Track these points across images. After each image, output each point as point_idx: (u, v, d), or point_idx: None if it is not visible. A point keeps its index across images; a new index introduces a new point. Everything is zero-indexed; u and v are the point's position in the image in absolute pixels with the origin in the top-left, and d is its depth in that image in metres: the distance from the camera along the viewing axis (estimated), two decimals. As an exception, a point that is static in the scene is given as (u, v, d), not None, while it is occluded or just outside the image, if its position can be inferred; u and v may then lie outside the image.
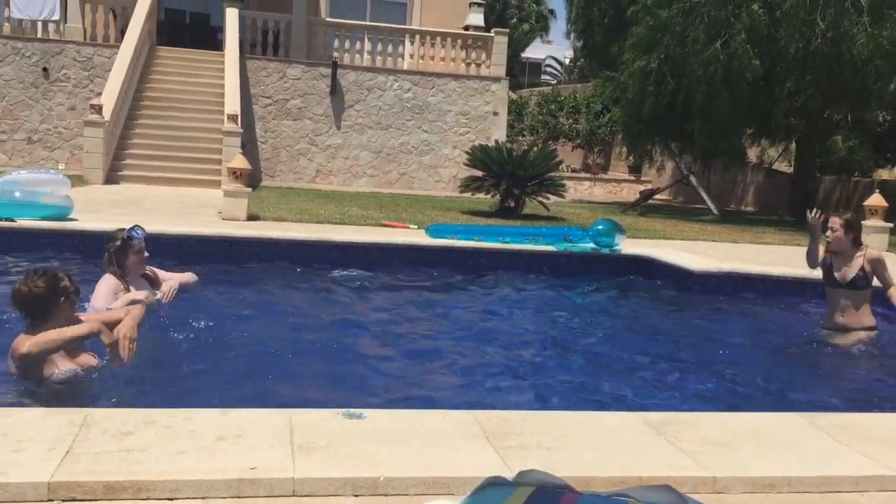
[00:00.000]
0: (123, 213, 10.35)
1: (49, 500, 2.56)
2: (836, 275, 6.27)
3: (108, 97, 15.72)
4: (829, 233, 6.26)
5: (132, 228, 5.56)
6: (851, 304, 6.27)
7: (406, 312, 7.00)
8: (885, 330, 6.71)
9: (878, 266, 6.25)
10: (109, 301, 5.19)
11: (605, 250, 9.38)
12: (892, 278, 6.33)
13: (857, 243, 6.30)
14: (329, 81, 19.28)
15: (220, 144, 16.10)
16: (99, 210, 10.26)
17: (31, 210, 8.60)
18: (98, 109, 15.05)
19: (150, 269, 5.75)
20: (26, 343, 3.93)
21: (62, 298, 4.10)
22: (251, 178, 11.57)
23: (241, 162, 10.99)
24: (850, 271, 6.23)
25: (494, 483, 1.07)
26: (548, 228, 10.63)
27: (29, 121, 17.74)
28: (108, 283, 5.34)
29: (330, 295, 7.47)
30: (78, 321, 4.16)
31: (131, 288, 5.42)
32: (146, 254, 5.57)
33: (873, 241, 11.69)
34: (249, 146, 17.69)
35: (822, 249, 6.39)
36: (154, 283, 5.70)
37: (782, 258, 9.91)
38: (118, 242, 5.43)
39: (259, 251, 8.64)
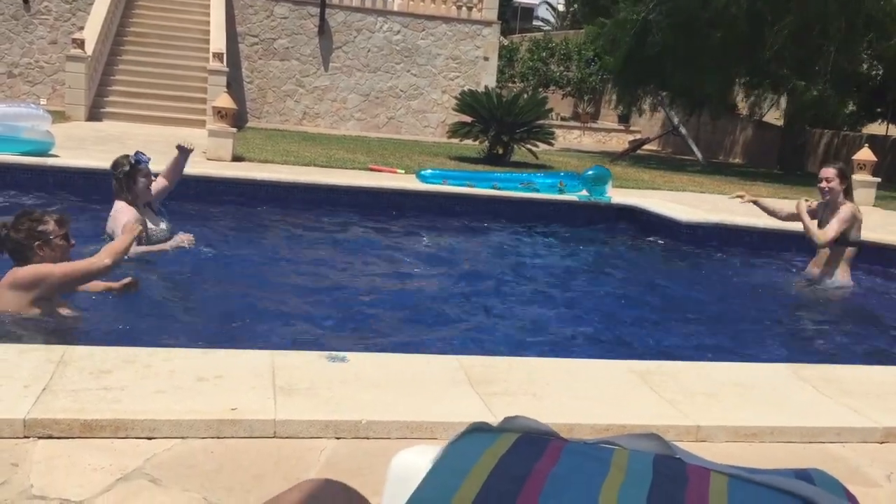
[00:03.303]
0: (106, 150, 10.18)
1: (25, 437, 2.52)
2: (820, 227, 6.23)
3: (91, 32, 15.37)
4: (822, 183, 6.18)
5: (136, 154, 5.52)
6: (830, 258, 6.25)
7: (392, 257, 6.96)
8: (864, 285, 6.75)
9: (849, 219, 6.08)
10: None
11: (597, 197, 9.34)
12: (835, 228, 6.11)
13: (847, 194, 6.22)
14: (317, 21, 18.91)
15: (205, 83, 15.83)
16: (81, 147, 10.09)
17: (10, 145, 8.42)
18: (80, 44, 14.72)
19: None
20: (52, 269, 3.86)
21: (37, 243, 3.93)
22: (236, 119, 11.40)
23: (226, 101, 10.81)
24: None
25: (479, 429, 1.04)
26: (544, 174, 10.46)
27: (9, 54, 17.35)
28: (126, 212, 5.28)
29: (314, 238, 7.41)
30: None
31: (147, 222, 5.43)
32: (152, 178, 5.54)
33: (861, 195, 11.69)
34: (235, 86, 17.41)
35: (808, 204, 6.34)
36: (156, 212, 5.70)
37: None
38: (126, 167, 5.40)
39: (244, 192, 8.54)
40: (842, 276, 6.26)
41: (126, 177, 5.39)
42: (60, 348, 3.16)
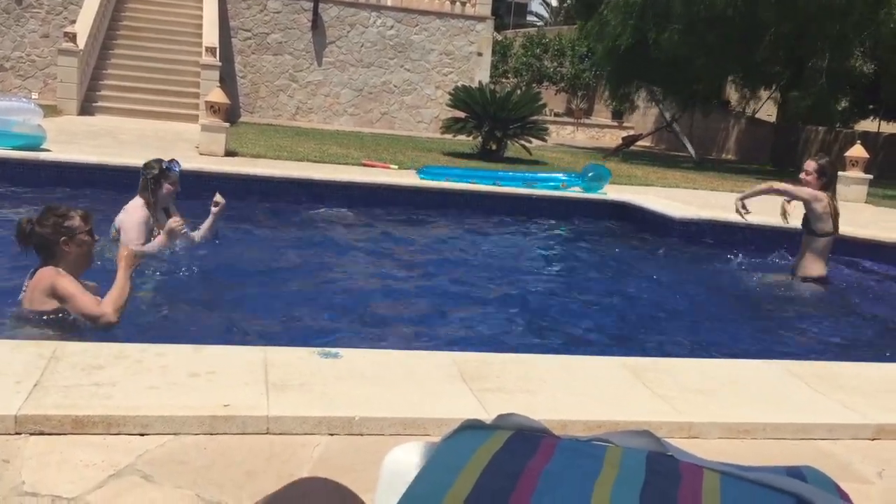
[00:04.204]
0: (98, 144, 10.15)
1: (17, 434, 2.51)
2: (804, 221, 6.34)
3: (83, 25, 15.30)
4: (802, 174, 6.30)
5: (171, 161, 5.60)
6: (807, 250, 6.32)
7: (385, 253, 6.95)
8: (855, 280, 6.78)
9: (808, 195, 6.15)
10: (143, 235, 5.25)
11: (593, 191, 9.39)
12: (796, 191, 6.20)
13: (826, 189, 6.27)
14: (310, 16, 18.86)
15: (198, 78, 15.77)
16: (73, 141, 10.05)
17: (1, 139, 8.39)
18: (72, 37, 14.65)
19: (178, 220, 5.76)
20: (107, 307, 3.77)
21: (63, 238, 3.88)
22: (229, 113, 11.37)
23: (219, 96, 10.78)
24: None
25: (472, 426, 1.03)
26: (544, 174, 10.48)
27: (1, 48, 17.25)
28: (141, 215, 5.29)
29: (307, 234, 7.39)
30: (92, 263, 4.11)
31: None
32: (178, 189, 5.57)
33: (853, 192, 11.77)
34: (228, 80, 17.36)
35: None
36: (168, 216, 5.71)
37: (762, 207, 9.91)
38: (156, 171, 5.46)
39: (236, 187, 8.51)
40: (813, 268, 6.31)
41: (154, 179, 5.45)
42: (52, 344, 3.15)
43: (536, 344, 4.63)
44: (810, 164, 6.29)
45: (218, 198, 5.93)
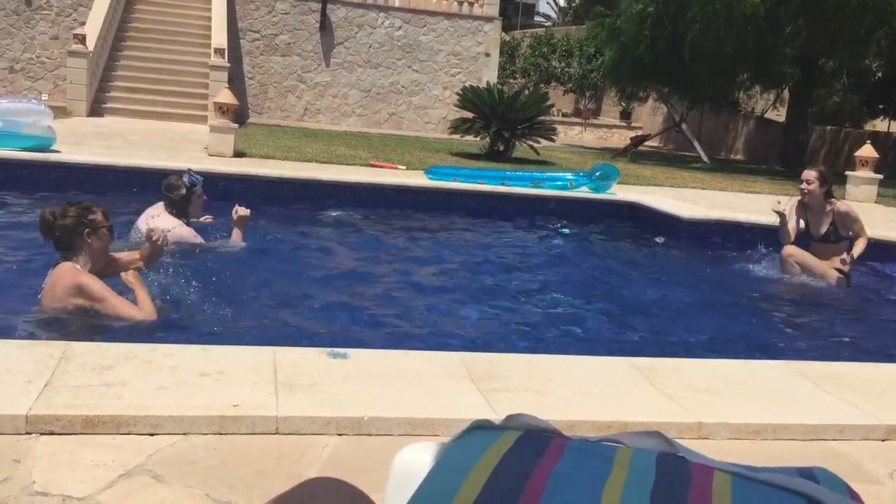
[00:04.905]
0: (108, 145, 10.19)
1: (27, 433, 2.52)
2: (811, 229, 6.38)
3: (92, 27, 15.36)
4: (803, 185, 6.36)
5: (189, 174, 5.50)
6: (824, 257, 6.35)
7: (393, 254, 6.95)
8: (866, 281, 6.76)
9: (847, 220, 6.30)
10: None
11: (601, 191, 9.39)
12: (863, 230, 6.34)
13: (829, 196, 6.34)
14: (318, 17, 18.90)
15: (207, 79, 15.82)
16: (83, 142, 10.09)
17: (12, 140, 8.43)
18: (82, 39, 14.71)
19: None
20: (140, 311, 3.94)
21: (87, 230, 3.96)
22: (238, 114, 11.40)
23: (227, 97, 10.80)
24: (822, 225, 6.33)
25: (481, 426, 1.03)
26: (552, 174, 10.49)
27: (11, 49, 17.34)
28: (168, 220, 5.29)
29: (316, 234, 7.40)
30: (112, 259, 4.20)
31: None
32: (205, 197, 5.55)
33: (863, 192, 11.72)
34: (237, 82, 17.40)
35: (793, 204, 6.47)
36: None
37: (771, 207, 9.88)
38: (183, 191, 5.39)
39: (245, 188, 8.54)
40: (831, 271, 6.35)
41: (182, 200, 5.41)
42: (62, 344, 3.16)
43: (544, 344, 4.63)
44: (810, 174, 6.37)
45: (241, 210, 5.71)
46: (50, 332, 3.79)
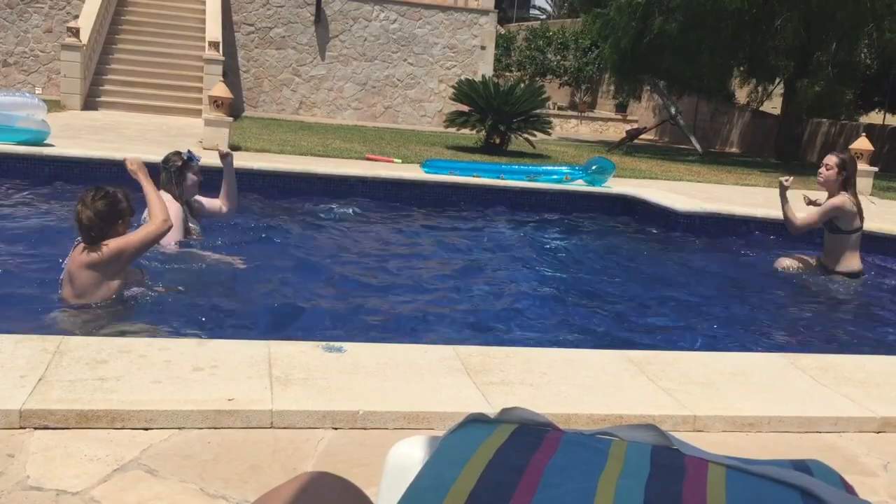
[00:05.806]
0: (102, 139, 10.16)
1: (21, 428, 2.51)
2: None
3: (86, 20, 15.29)
4: (822, 169, 6.19)
5: (188, 151, 5.59)
6: (831, 247, 6.29)
7: (388, 247, 6.95)
8: (868, 276, 6.76)
9: (830, 210, 6.11)
10: (179, 230, 5.24)
11: (597, 185, 9.38)
12: (821, 212, 6.13)
13: (846, 187, 6.19)
14: (313, 10, 18.84)
15: (201, 72, 15.77)
16: (77, 136, 10.06)
17: (5, 134, 8.40)
18: (75, 32, 14.65)
19: (196, 199, 5.75)
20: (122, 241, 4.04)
21: (120, 220, 4.11)
22: (232, 108, 11.37)
23: (222, 90, 10.77)
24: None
25: (476, 420, 1.03)
26: (548, 167, 10.48)
27: (4, 43, 17.26)
28: (175, 208, 5.26)
29: (311, 228, 7.39)
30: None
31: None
32: (202, 179, 5.56)
33: (858, 184, 11.68)
34: (231, 75, 17.36)
35: (786, 180, 6.32)
36: (194, 212, 5.69)
37: (766, 200, 9.90)
38: (179, 163, 5.43)
39: (240, 182, 8.49)
40: (849, 263, 6.27)
41: (178, 171, 5.41)
42: (56, 338, 3.15)
43: (539, 337, 4.63)
44: (831, 159, 6.14)
45: (222, 149, 6.01)
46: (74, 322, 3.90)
